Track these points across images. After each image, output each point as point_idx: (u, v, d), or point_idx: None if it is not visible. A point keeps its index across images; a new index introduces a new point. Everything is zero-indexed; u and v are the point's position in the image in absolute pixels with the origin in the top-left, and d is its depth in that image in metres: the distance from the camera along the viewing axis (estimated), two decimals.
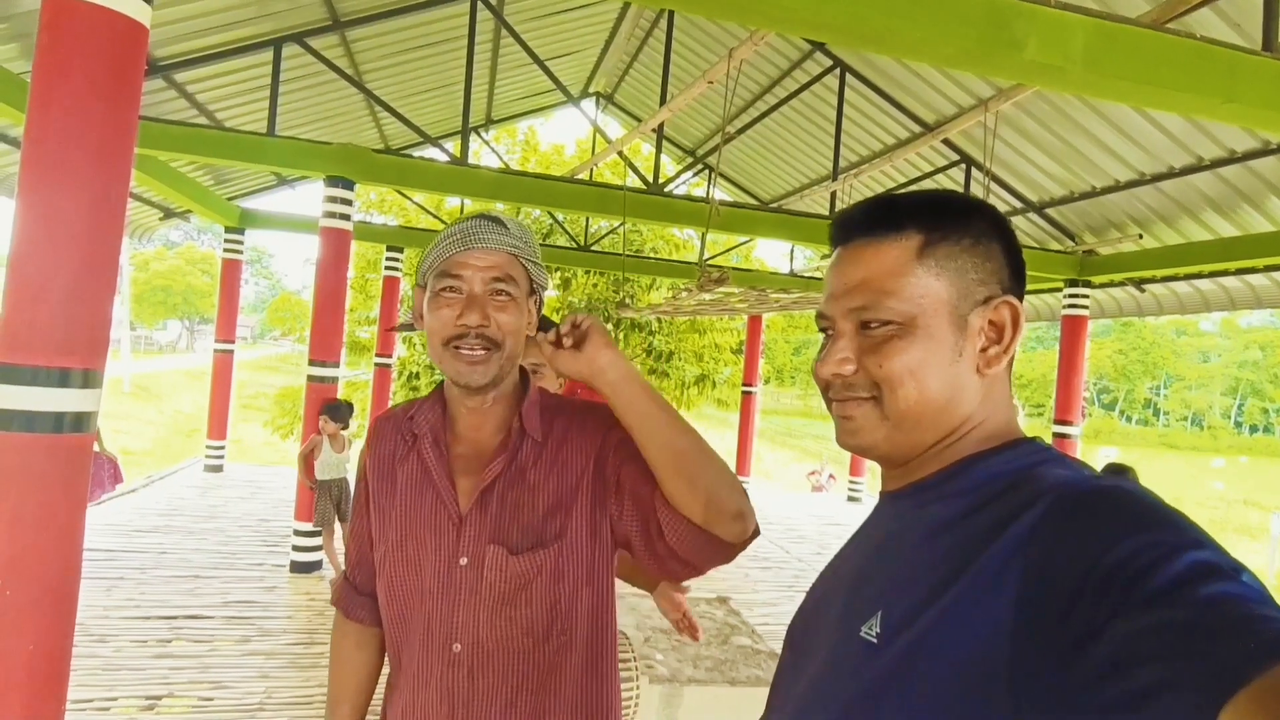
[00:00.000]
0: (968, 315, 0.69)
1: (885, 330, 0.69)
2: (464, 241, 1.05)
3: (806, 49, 6.36)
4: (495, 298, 1.05)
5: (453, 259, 1.05)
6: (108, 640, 3.91)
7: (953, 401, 0.69)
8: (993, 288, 0.70)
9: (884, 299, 0.69)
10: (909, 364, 0.68)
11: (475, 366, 1.04)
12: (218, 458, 8.43)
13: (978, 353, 0.69)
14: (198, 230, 44.64)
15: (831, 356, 0.72)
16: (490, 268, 1.05)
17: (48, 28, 1.95)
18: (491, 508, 1.05)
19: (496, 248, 1.06)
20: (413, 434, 1.13)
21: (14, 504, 1.92)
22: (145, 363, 34.45)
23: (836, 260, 0.75)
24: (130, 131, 2.09)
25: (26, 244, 1.95)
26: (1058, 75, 2.67)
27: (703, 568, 1.00)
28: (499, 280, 1.05)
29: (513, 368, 1.10)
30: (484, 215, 1.09)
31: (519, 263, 1.09)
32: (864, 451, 0.73)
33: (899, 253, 0.69)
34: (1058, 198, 6.48)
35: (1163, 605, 0.47)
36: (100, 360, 2.05)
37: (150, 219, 8.22)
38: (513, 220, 1.11)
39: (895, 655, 0.61)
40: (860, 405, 0.71)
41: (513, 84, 8.72)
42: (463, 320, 1.03)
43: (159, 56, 5.12)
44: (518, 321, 1.07)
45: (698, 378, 14.95)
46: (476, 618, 1.03)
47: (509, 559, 1.03)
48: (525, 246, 1.09)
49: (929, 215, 0.71)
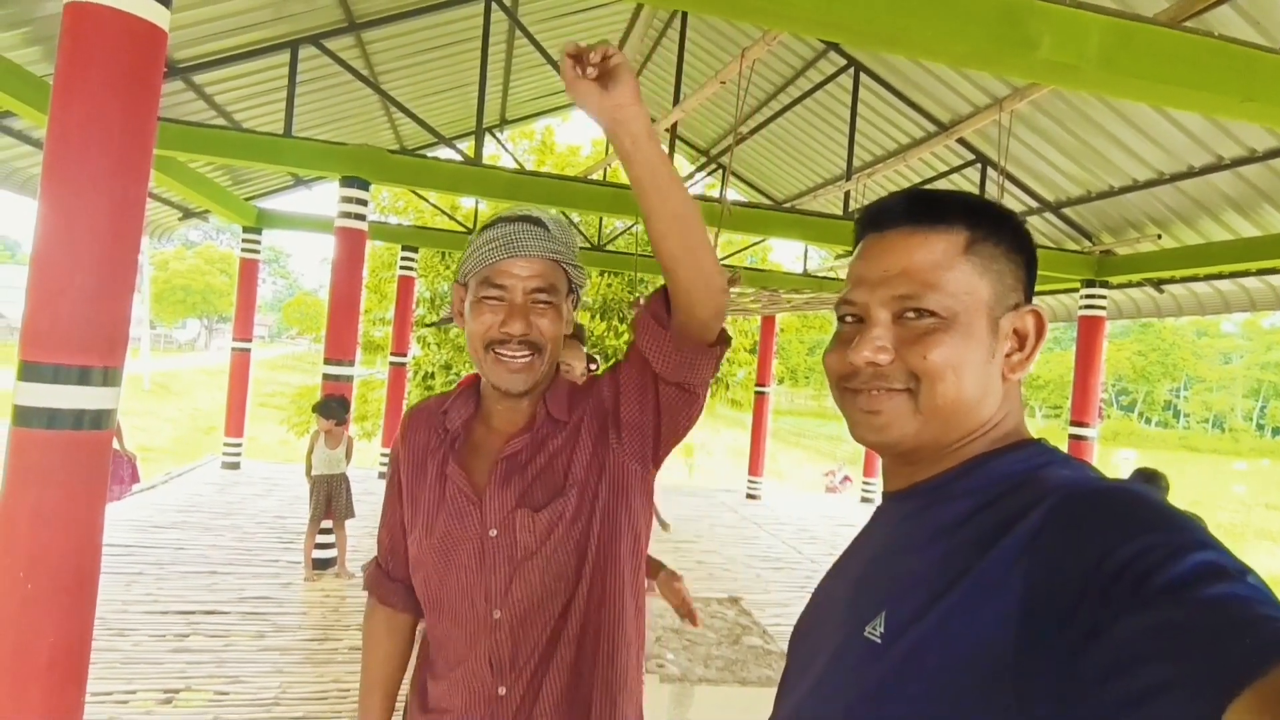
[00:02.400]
0: (999, 319, 0.69)
1: (928, 322, 0.68)
2: (508, 249, 1.07)
3: (820, 49, 6.34)
4: (537, 305, 1.08)
5: (496, 267, 1.07)
6: (127, 634, 3.97)
7: (981, 402, 0.69)
8: (1020, 295, 0.71)
9: (929, 290, 0.68)
10: (951, 359, 0.67)
11: (517, 374, 1.08)
12: (235, 455, 8.53)
13: (1004, 357, 0.70)
14: (216, 230, 45.15)
15: (868, 343, 0.69)
16: (533, 277, 1.07)
17: (69, 31, 1.98)
18: (513, 479, 1.09)
19: (539, 254, 1.08)
20: (445, 429, 1.16)
21: (35, 499, 1.96)
22: (164, 361, 34.88)
23: (872, 246, 0.73)
24: (149, 133, 2.12)
25: (48, 243, 1.99)
26: (1072, 74, 2.65)
27: (692, 377, 1.04)
28: (541, 290, 1.08)
29: (551, 370, 1.14)
30: (525, 216, 1.10)
31: (560, 268, 1.11)
32: (888, 446, 0.72)
33: (946, 246, 0.69)
34: (1075, 197, 6.42)
35: (1167, 605, 0.47)
36: (120, 358, 2.09)
37: (169, 219, 8.32)
38: (554, 220, 1.12)
39: (899, 655, 0.62)
40: (893, 397, 0.69)
41: (527, 84, 8.75)
42: (506, 329, 1.07)
43: (178, 59, 5.19)
44: (558, 326, 1.10)
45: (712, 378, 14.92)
46: (512, 582, 1.06)
47: (534, 517, 1.06)
48: (566, 249, 1.11)
49: (972, 214, 0.71)
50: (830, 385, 0.77)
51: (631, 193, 0.92)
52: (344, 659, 3.94)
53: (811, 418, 38.48)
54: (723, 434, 26.61)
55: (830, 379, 0.76)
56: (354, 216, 5.40)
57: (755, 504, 9.66)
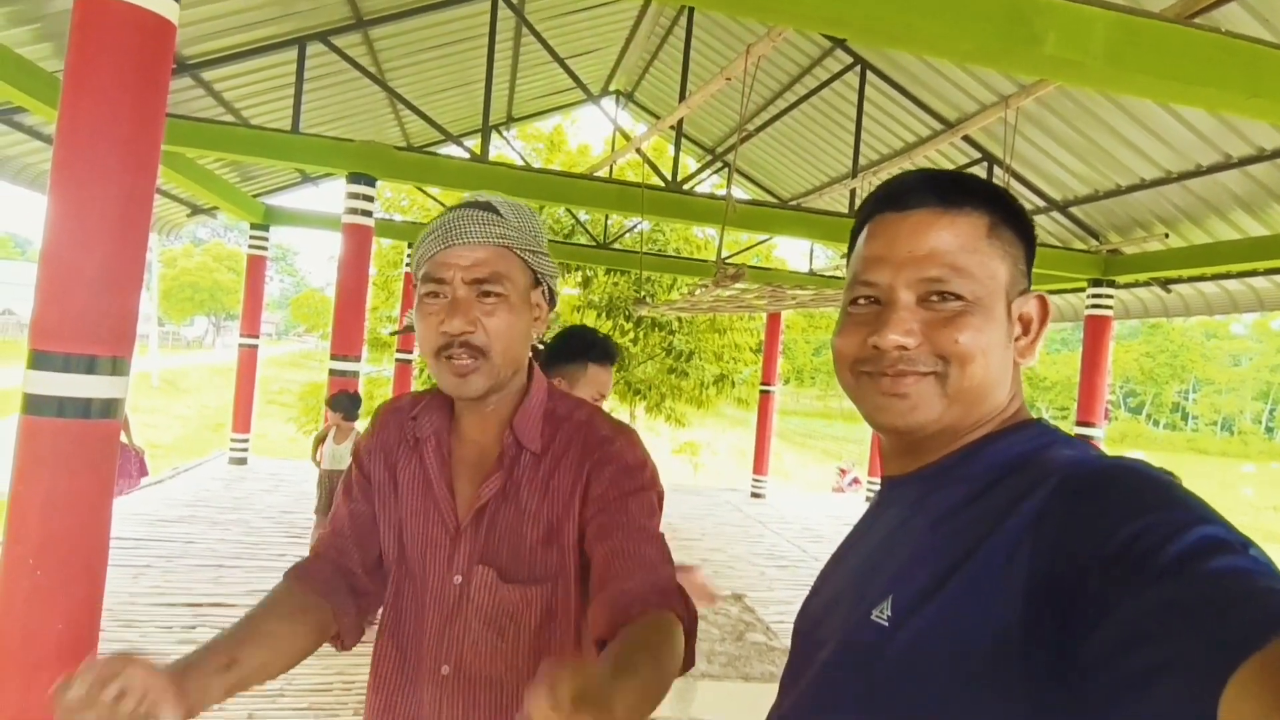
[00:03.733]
0: (1012, 303, 0.70)
1: (955, 305, 0.67)
2: (445, 237, 0.95)
3: (827, 46, 6.34)
4: (483, 300, 0.95)
5: (435, 259, 0.95)
6: (134, 625, 4.00)
7: (1000, 385, 0.69)
8: (1026, 281, 0.72)
9: (958, 274, 0.67)
10: (979, 342, 0.67)
11: (465, 379, 0.95)
12: (242, 451, 8.57)
13: (1014, 341, 0.71)
14: (224, 228, 45.35)
15: (896, 325, 0.67)
16: (474, 266, 0.94)
17: (79, 26, 2.00)
18: (483, 526, 0.99)
19: (481, 241, 0.94)
20: (415, 436, 1.05)
21: (46, 487, 1.98)
22: (173, 358, 35.06)
23: (892, 227, 0.71)
24: (158, 128, 2.14)
25: (57, 237, 2.01)
26: (1078, 70, 2.65)
27: None
28: (485, 280, 0.94)
29: (512, 373, 1.01)
30: (472, 201, 0.98)
31: (512, 255, 0.97)
32: (913, 430, 0.70)
33: (971, 228, 0.68)
34: (1081, 196, 6.40)
35: (1169, 582, 0.47)
36: (127, 349, 2.11)
37: (178, 215, 8.37)
38: (508, 203, 1.00)
39: (907, 638, 0.62)
40: (920, 381, 0.68)
41: (533, 82, 8.76)
42: (445, 328, 0.94)
43: (186, 55, 5.22)
44: (512, 324, 0.96)
45: (717, 377, 14.92)
46: (463, 640, 0.97)
47: (498, 584, 0.96)
48: (520, 234, 0.98)
49: (992, 198, 0.70)
50: (840, 370, 0.75)
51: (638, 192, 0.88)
52: (348, 653, 3.97)
53: (818, 418, 38.43)
54: (728, 433, 26.60)
55: (842, 363, 0.74)
56: (361, 213, 5.43)
57: (760, 503, 9.66)
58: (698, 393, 14.72)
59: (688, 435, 17.37)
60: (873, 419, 0.72)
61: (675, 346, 14.49)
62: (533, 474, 0.99)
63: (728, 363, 15.00)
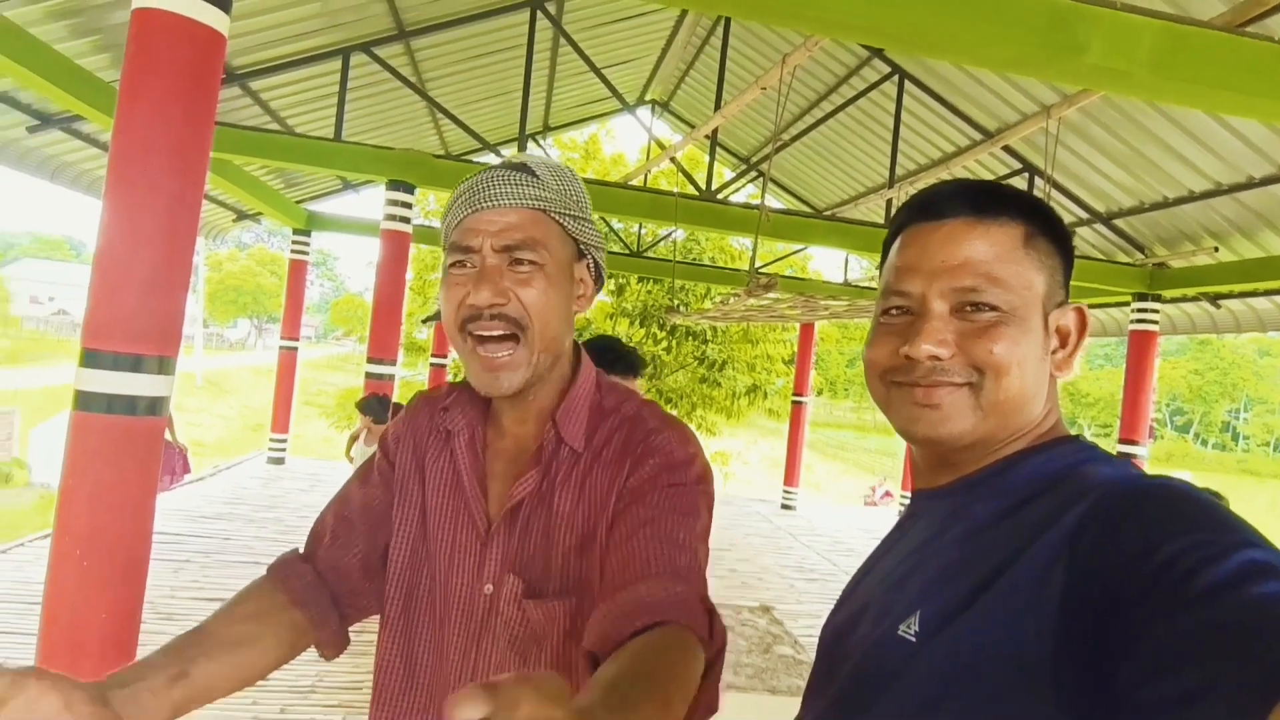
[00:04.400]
0: (1050, 314, 0.69)
1: (989, 316, 0.66)
2: (472, 200, 0.83)
3: (864, 56, 6.30)
4: (516, 268, 0.83)
5: (461, 225, 0.84)
6: (174, 619, 4.10)
7: (1036, 398, 0.68)
8: (1064, 293, 0.71)
9: (993, 284, 0.66)
10: (1015, 353, 0.66)
11: (498, 373, 0.83)
12: (280, 451, 8.76)
13: (1050, 354, 0.69)
14: (268, 233, 46.47)
15: (929, 335, 0.66)
16: (506, 230, 0.82)
17: (135, 38, 2.09)
18: (516, 528, 0.87)
19: (514, 203, 0.83)
20: (446, 429, 0.94)
21: (94, 481, 2.05)
22: (216, 359, 35.98)
23: (925, 236, 0.70)
24: (207, 136, 2.22)
25: (111, 240, 2.09)
26: (1123, 79, 2.60)
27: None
28: (518, 247, 0.82)
29: (554, 359, 0.88)
30: (505, 163, 0.87)
31: (549, 219, 0.85)
32: (945, 441, 0.69)
33: (1007, 238, 0.67)
34: (1126, 208, 6.25)
35: (1210, 605, 0.46)
36: (173, 349, 2.18)
37: (224, 220, 8.62)
38: (547, 164, 0.88)
39: (934, 654, 0.60)
40: (953, 392, 0.67)
41: (570, 91, 8.86)
42: (472, 299, 0.82)
43: (235, 65, 5.38)
44: (550, 296, 0.84)
45: (749, 388, 14.85)
46: (489, 660, 0.86)
47: (523, 599, 0.85)
48: (559, 197, 0.86)
49: (1028, 209, 0.70)
50: (871, 380, 0.74)
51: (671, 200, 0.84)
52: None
53: (851, 430, 37.96)
54: (759, 443, 26.42)
55: (873, 373, 0.73)
56: (399, 219, 5.53)
57: (790, 514, 9.57)
58: (729, 403, 14.66)
59: (719, 445, 17.30)
60: (904, 430, 0.71)
61: (708, 356, 14.46)
62: (570, 472, 0.87)
63: (760, 373, 14.92)
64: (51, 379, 22.14)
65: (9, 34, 3.61)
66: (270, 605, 0.87)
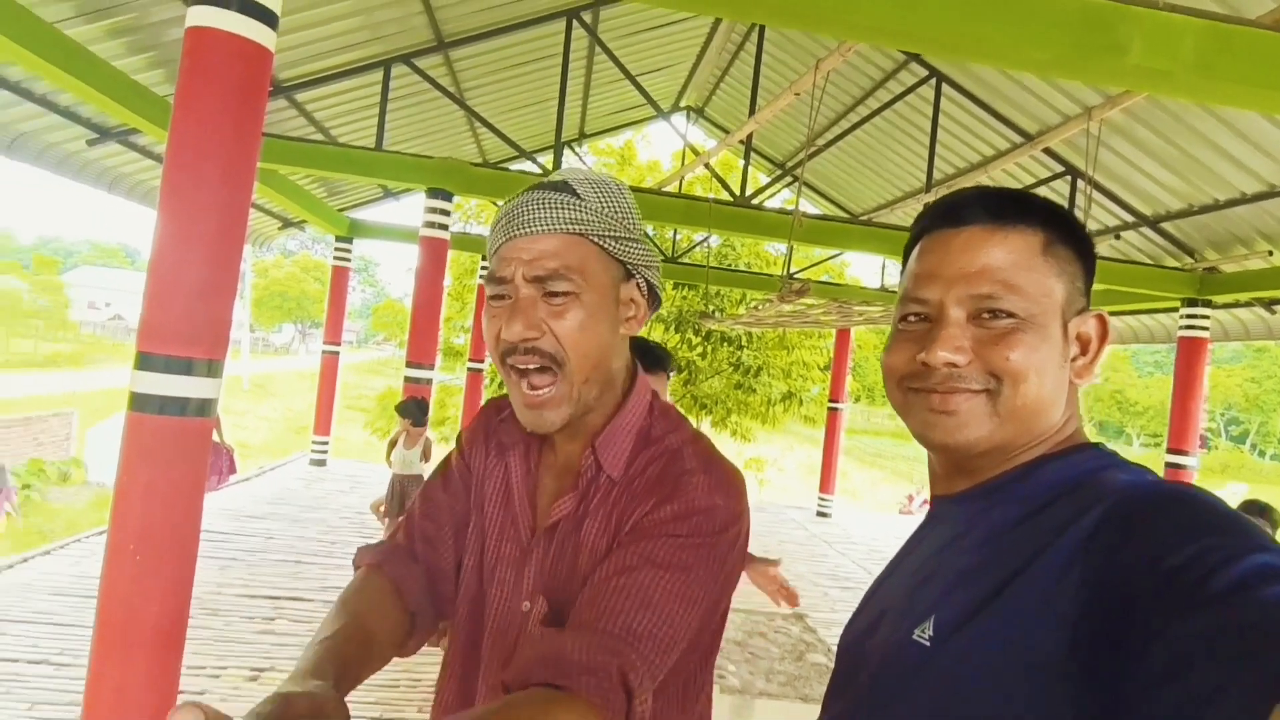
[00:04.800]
0: (1069, 321, 0.69)
1: (1006, 323, 0.66)
2: (508, 227, 0.81)
3: (901, 59, 6.24)
4: (550, 300, 0.80)
5: (499, 253, 0.82)
6: (220, 614, 4.24)
7: (1054, 405, 0.68)
8: (1084, 300, 0.71)
9: (1010, 291, 0.66)
10: (1032, 360, 0.66)
11: (540, 411, 0.82)
12: (322, 453, 8.97)
13: (1070, 361, 0.69)
14: (312, 240, 47.55)
15: (946, 342, 0.67)
16: (539, 259, 0.79)
17: (188, 54, 2.18)
18: (552, 549, 0.86)
19: (549, 229, 0.79)
20: (500, 442, 0.94)
21: (147, 478, 2.14)
22: (262, 363, 36.95)
23: (943, 243, 0.71)
24: (254, 146, 2.30)
25: (164, 247, 2.18)
26: (1165, 80, 2.55)
27: None
28: (549, 277, 0.79)
29: (604, 386, 0.86)
30: (543, 183, 0.83)
31: (588, 243, 0.81)
32: (962, 448, 0.69)
33: (1024, 245, 0.68)
34: (1174, 211, 6.08)
35: (1222, 607, 0.46)
36: (222, 352, 2.26)
37: (270, 227, 8.87)
38: (591, 179, 0.84)
39: (948, 657, 0.61)
40: (970, 399, 0.67)
41: (606, 98, 8.93)
42: (505, 335, 0.80)
43: (282, 79, 5.55)
44: (588, 327, 0.81)
45: (784, 394, 14.75)
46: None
47: (544, 624, 0.83)
48: (600, 218, 0.82)
49: (1048, 215, 0.70)
50: (889, 387, 0.74)
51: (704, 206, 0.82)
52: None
53: (889, 438, 37.38)
54: (795, 450, 26.18)
55: (890, 380, 0.74)
56: (437, 226, 5.65)
57: (825, 522, 9.47)
58: (764, 409, 14.58)
59: (754, 451, 17.19)
60: (921, 436, 0.72)
61: (743, 362, 14.40)
62: (604, 500, 0.84)
63: (796, 380, 14.81)
64: (108, 382, 22.98)
65: (71, 51, 3.79)
66: (384, 596, 0.88)
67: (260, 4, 2.20)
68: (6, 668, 3.42)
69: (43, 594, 4.30)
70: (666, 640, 0.73)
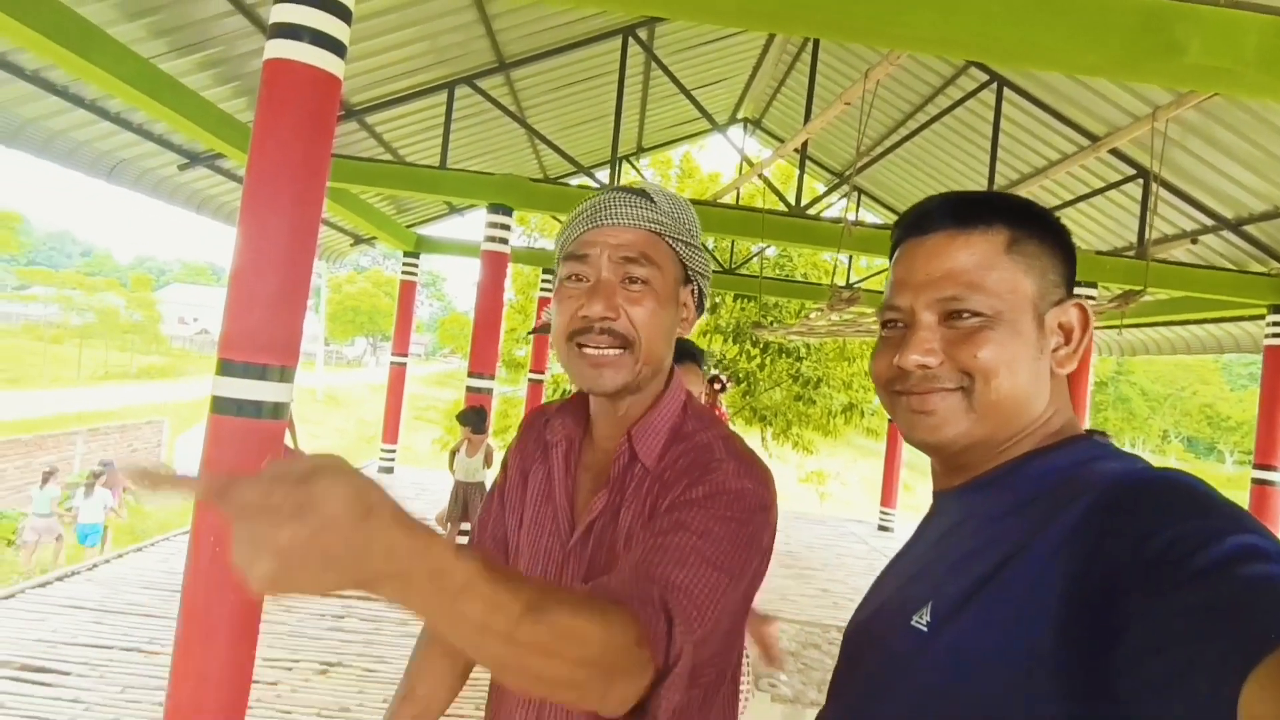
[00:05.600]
0: (1045, 314, 0.70)
1: (973, 322, 0.68)
2: (594, 217, 0.88)
3: (960, 65, 6.14)
4: (629, 285, 0.87)
5: (580, 239, 0.88)
6: (294, 610, 4.46)
7: (1033, 397, 0.69)
8: (1063, 291, 0.72)
9: (974, 291, 0.68)
10: (1002, 355, 0.67)
11: (601, 370, 0.87)
12: (390, 461, 9.29)
13: (1051, 352, 0.71)
14: (383, 256, 49.25)
15: (916, 346, 0.70)
16: (621, 246, 0.86)
17: (266, 83, 2.36)
18: (590, 543, 0.90)
19: (633, 224, 0.87)
20: (545, 441, 0.99)
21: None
22: (336, 375, 38.39)
23: (912, 251, 0.74)
24: (324, 167, 2.47)
25: (242, 263, 2.36)
26: (1227, 78, 2.47)
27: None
28: (633, 262, 0.86)
29: (652, 374, 0.91)
30: (625, 186, 0.92)
31: (663, 242, 0.89)
32: (943, 446, 0.71)
33: (988, 246, 0.70)
34: (1258, 213, 5.78)
35: (1201, 587, 0.47)
36: (293, 360, 2.43)
37: (342, 244, 9.29)
38: (664, 192, 0.92)
39: (944, 642, 0.63)
40: (946, 397, 0.70)
41: (663, 113, 9.05)
42: (584, 311, 0.86)
43: (354, 103, 5.86)
44: (658, 316, 0.87)
45: (845, 406, 14.51)
46: None
47: None
48: (674, 223, 0.90)
49: (1013, 213, 0.71)
50: (879, 391, 0.78)
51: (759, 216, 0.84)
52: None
53: None
54: (858, 463, 25.61)
55: (878, 385, 0.76)
56: (498, 240, 5.83)
57: (887, 536, 9.27)
58: (825, 421, 14.37)
59: (815, 464, 16.93)
60: (908, 436, 0.75)
61: (802, 373, 14.25)
62: (640, 491, 0.87)
63: (857, 391, 14.55)
64: (195, 393, 24.31)
65: (165, 84, 4.10)
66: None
67: (331, 35, 2.37)
68: (103, 653, 3.69)
69: (135, 587, 4.62)
70: (702, 598, 0.71)
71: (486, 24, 5.40)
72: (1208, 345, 8.35)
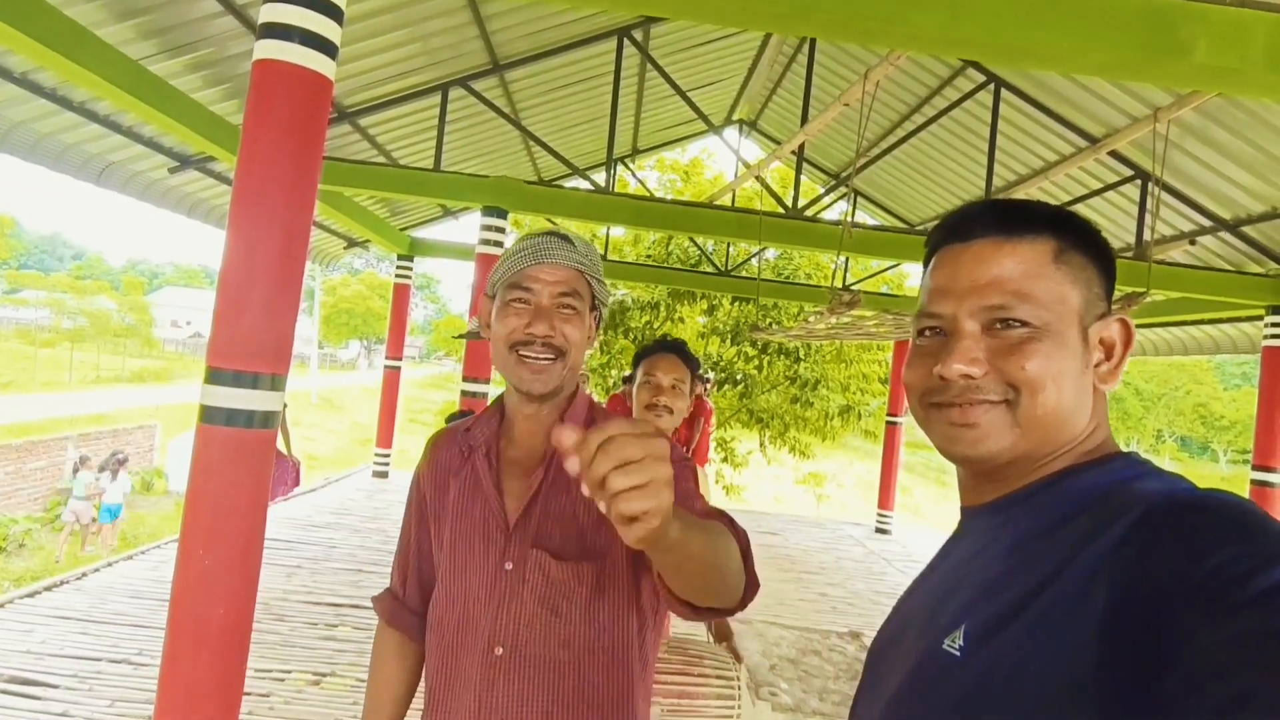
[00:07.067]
0: (1089, 327, 0.68)
1: (1020, 332, 0.66)
2: (535, 256, 1.11)
3: (957, 65, 6.12)
4: (561, 310, 1.10)
5: (524, 272, 1.11)
6: (285, 620, 4.40)
7: (1077, 413, 0.67)
8: (1105, 305, 0.70)
9: (1022, 300, 0.66)
10: (1050, 369, 0.65)
11: (539, 374, 1.09)
12: (384, 465, 9.22)
13: (1093, 367, 0.68)
14: (376, 258, 49.04)
15: (960, 355, 0.67)
16: (558, 282, 1.10)
17: (256, 85, 2.31)
18: (535, 514, 1.09)
19: (565, 263, 1.11)
20: (469, 446, 1.18)
21: (216, 486, 2.25)
22: (330, 378, 38.25)
23: (955, 257, 0.71)
24: (314, 171, 2.41)
25: (232, 267, 2.30)
26: (1233, 79, 2.44)
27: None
28: (566, 294, 1.11)
29: (573, 379, 1.16)
30: (553, 232, 1.15)
31: (584, 278, 1.14)
32: (984, 460, 0.69)
33: (1035, 254, 0.68)
34: (1256, 214, 5.76)
35: (1254, 614, 0.46)
36: (284, 367, 2.37)
37: (335, 247, 9.22)
38: (580, 238, 1.18)
39: (978, 667, 0.61)
40: (990, 410, 0.67)
41: (658, 114, 9.01)
42: (531, 329, 1.09)
43: (346, 105, 5.80)
44: (580, 334, 1.13)
45: (843, 408, 14.46)
46: (518, 620, 1.06)
47: (551, 562, 1.06)
48: (590, 264, 1.15)
49: (1058, 223, 0.70)
50: (911, 403, 0.75)
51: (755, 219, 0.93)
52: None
53: None
54: (855, 466, 25.63)
55: (912, 396, 0.74)
56: (492, 244, 5.78)
57: (885, 539, 9.24)
58: (822, 423, 14.32)
59: (812, 467, 16.90)
60: (944, 450, 0.72)
61: (800, 375, 14.20)
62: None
63: (854, 393, 14.51)
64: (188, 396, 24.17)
65: (154, 87, 4.04)
66: (402, 645, 1.27)
67: (322, 36, 2.31)
68: (90, 665, 3.62)
69: (122, 596, 4.54)
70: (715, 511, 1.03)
71: (480, 25, 5.35)
72: (1205, 346, 8.35)
